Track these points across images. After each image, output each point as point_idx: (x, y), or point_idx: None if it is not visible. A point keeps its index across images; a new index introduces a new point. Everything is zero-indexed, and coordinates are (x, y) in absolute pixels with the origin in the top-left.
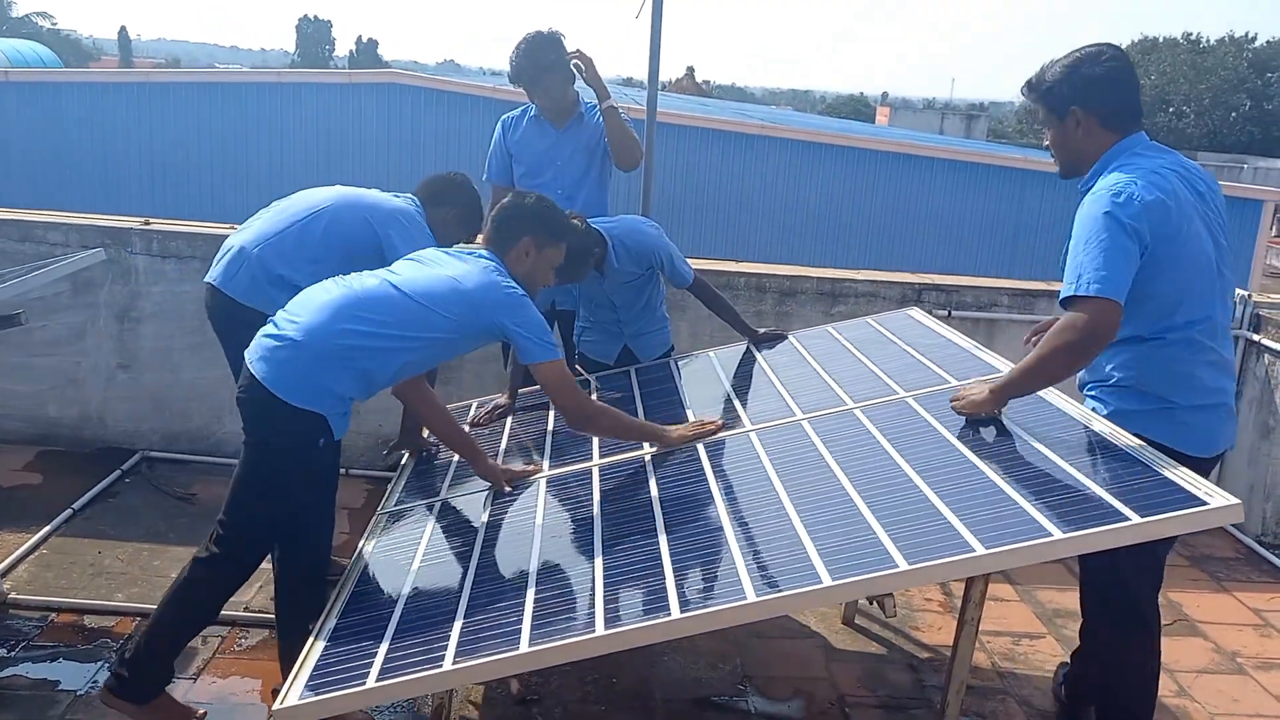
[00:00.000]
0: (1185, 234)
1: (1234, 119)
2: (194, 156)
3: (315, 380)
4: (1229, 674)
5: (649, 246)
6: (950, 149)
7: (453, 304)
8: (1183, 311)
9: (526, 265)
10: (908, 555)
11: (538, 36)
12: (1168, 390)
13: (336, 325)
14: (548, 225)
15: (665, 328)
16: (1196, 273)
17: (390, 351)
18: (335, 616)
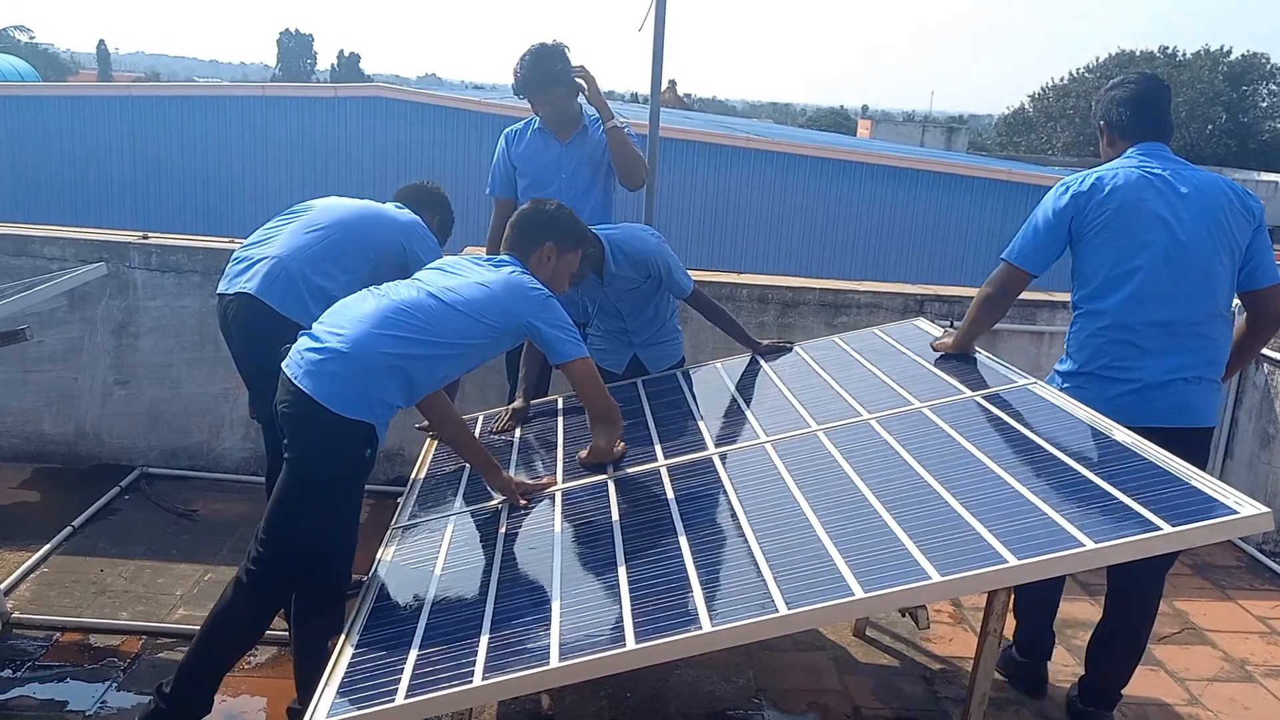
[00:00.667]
0: (1120, 223)
1: (1210, 132)
2: (176, 170)
3: (365, 390)
4: (1239, 682)
5: (647, 253)
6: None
7: (486, 308)
8: (1110, 285)
9: (548, 270)
10: (940, 567)
11: (542, 48)
12: (1078, 355)
13: (382, 334)
14: (569, 232)
15: (676, 340)
16: (1128, 256)
17: (433, 359)
18: (356, 633)
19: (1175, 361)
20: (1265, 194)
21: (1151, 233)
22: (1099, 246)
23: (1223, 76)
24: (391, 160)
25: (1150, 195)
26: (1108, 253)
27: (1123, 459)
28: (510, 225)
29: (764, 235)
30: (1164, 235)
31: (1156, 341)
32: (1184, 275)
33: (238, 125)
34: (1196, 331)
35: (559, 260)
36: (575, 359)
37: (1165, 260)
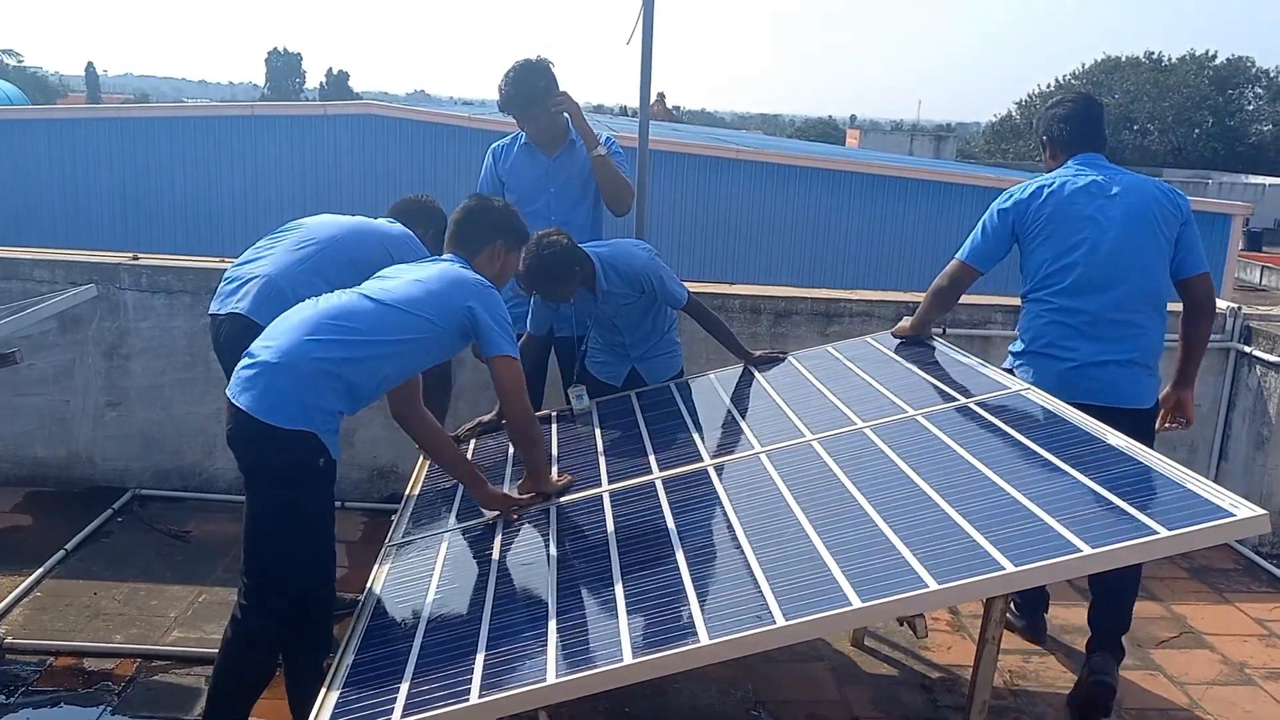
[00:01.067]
0: (1055, 226)
1: (1197, 135)
2: (167, 191)
3: (300, 399)
4: (1238, 685)
5: (637, 269)
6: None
7: (423, 303)
8: (1049, 279)
9: (495, 268)
10: (936, 575)
11: (527, 65)
12: (1025, 337)
13: (311, 340)
14: (518, 231)
15: (675, 352)
16: (1064, 254)
17: (367, 360)
18: (351, 653)
19: (1107, 346)
20: (1253, 197)
21: (1083, 233)
22: (1039, 246)
23: (1208, 80)
24: (381, 177)
25: (1082, 200)
26: (1046, 251)
27: (1117, 463)
28: (454, 222)
29: (756, 246)
30: (1094, 233)
31: (1091, 328)
32: (1113, 269)
33: (227, 145)
34: (1127, 320)
35: (506, 258)
36: (504, 355)
37: (1095, 255)
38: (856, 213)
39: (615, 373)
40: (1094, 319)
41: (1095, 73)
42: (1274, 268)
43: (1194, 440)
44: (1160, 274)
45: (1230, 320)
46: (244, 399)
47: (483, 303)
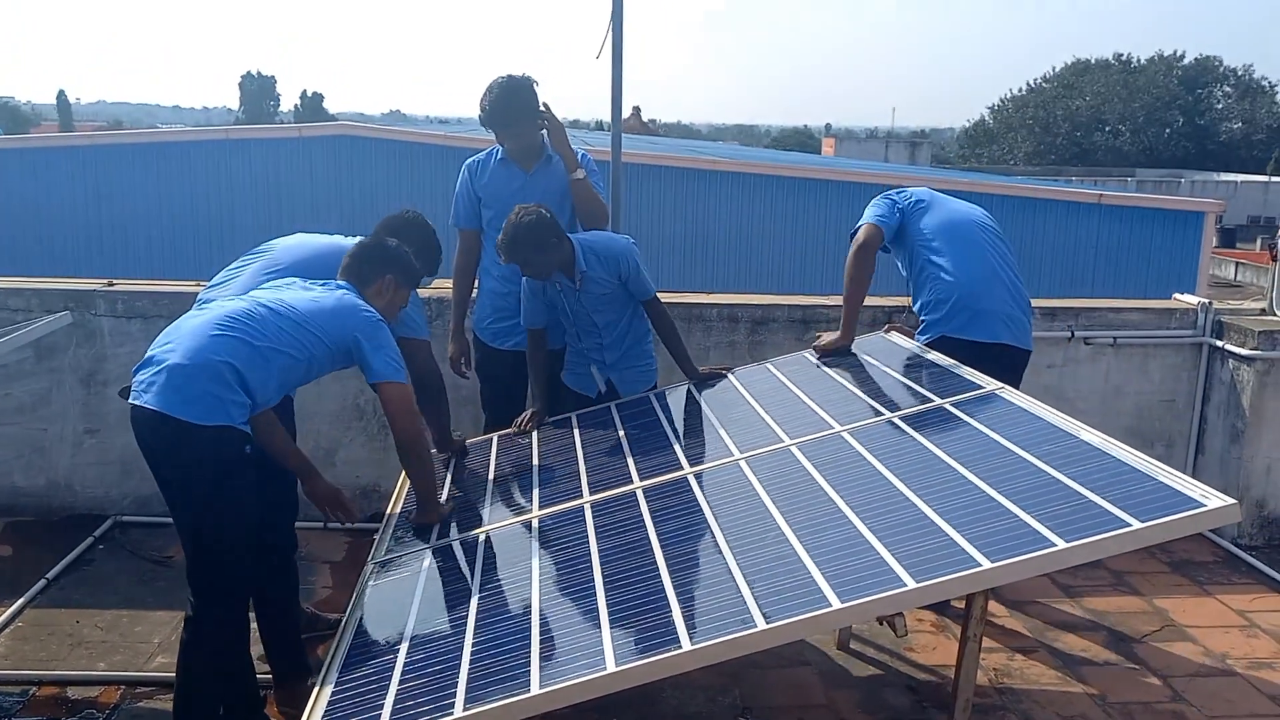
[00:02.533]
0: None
1: (1169, 135)
2: (143, 217)
3: (213, 394)
4: (1221, 676)
5: (617, 251)
6: (899, 175)
7: (316, 318)
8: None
9: (383, 300)
10: (915, 574)
11: (511, 81)
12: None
13: (213, 339)
14: (408, 270)
15: (651, 366)
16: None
17: (266, 361)
18: (336, 670)
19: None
20: (1225, 194)
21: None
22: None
23: (1178, 80)
24: (358, 198)
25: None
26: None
27: (1090, 458)
28: (350, 255)
29: (734, 256)
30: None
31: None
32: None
33: (202, 170)
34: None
35: (395, 294)
36: (393, 381)
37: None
38: (833, 220)
39: (591, 385)
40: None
41: (1066, 75)
42: (1247, 263)
43: (1171, 435)
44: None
45: (1202, 315)
46: (157, 400)
47: (368, 335)
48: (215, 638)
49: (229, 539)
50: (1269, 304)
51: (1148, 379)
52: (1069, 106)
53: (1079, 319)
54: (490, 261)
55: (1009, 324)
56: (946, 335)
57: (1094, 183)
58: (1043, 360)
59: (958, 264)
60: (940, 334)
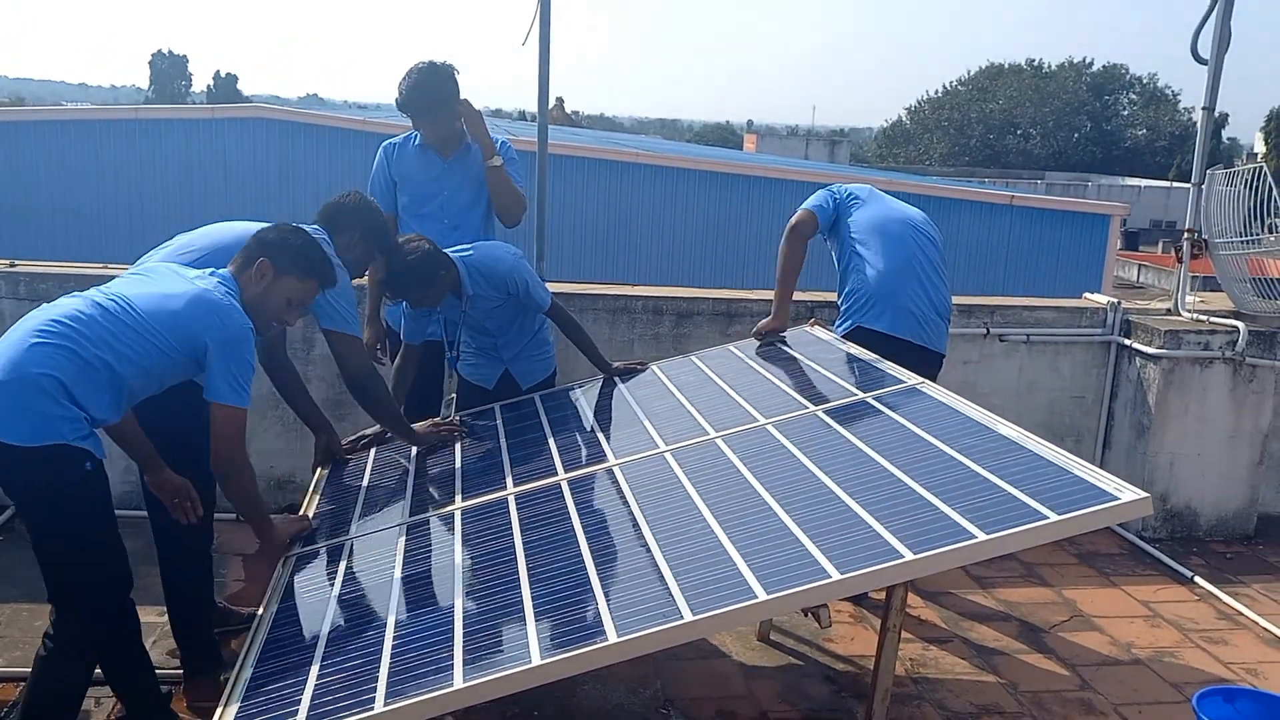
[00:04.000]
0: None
1: (1077, 139)
2: (46, 198)
3: (37, 411)
4: (1127, 664)
5: (504, 273)
6: (820, 173)
7: (153, 320)
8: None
9: (259, 288)
10: (839, 565)
11: (431, 68)
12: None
13: (32, 349)
14: (298, 258)
15: (548, 354)
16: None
17: (91, 371)
18: (250, 666)
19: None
20: (1130, 198)
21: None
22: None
23: (1086, 87)
24: (274, 181)
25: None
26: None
27: (1008, 452)
28: (251, 238)
29: (656, 249)
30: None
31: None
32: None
33: (110, 150)
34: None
35: (274, 281)
36: (224, 403)
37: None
38: (755, 215)
39: (487, 375)
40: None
41: (980, 79)
42: (1150, 265)
43: (1080, 430)
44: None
45: (1111, 315)
46: None
47: (216, 339)
48: (76, 658)
49: (82, 565)
50: (1174, 305)
51: (1059, 375)
52: (983, 109)
53: (994, 316)
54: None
55: (922, 324)
56: (860, 325)
57: (1006, 184)
58: (958, 356)
59: (879, 259)
60: (855, 324)
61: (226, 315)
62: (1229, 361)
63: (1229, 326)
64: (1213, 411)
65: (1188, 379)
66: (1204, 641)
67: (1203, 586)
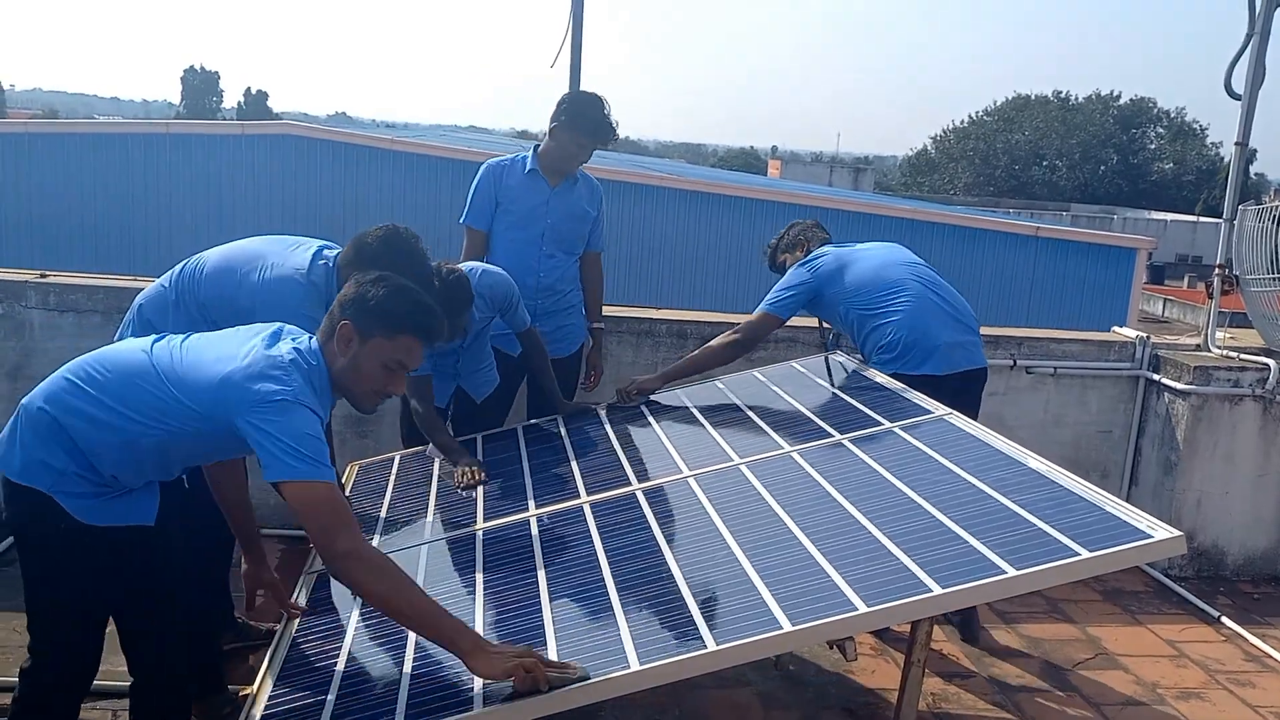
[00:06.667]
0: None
1: (1103, 172)
2: (77, 210)
3: (27, 449)
4: (1152, 704)
5: (503, 290)
6: (843, 200)
7: (197, 389)
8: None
9: (346, 358)
10: (866, 597)
11: (608, 107)
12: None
13: (56, 382)
14: (378, 314)
15: (492, 363)
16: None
17: (103, 425)
18: (270, 685)
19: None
20: (1156, 232)
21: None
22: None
23: (1113, 119)
24: (301, 198)
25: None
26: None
27: (1039, 486)
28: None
29: (679, 272)
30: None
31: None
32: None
33: (141, 163)
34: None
35: (361, 349)
36: (293, 480)
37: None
38: None
39: (443, 392)
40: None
41: (1006, 110)
42: (1175, 300)
43: (1106, 465)
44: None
45: (1140, 349)
46: None
47: (247, 414)
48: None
49: (51, 620)
50: (1204, 340)
51: (1086, 409)
52: (1008, 140)
53: (1021, 348)
54: (497, 264)
55: (962, 349)
56: (901, 373)
57: (1030, 215)
58: (986, 387)
59: (894, 310)
60: (895, 372)
61: (258, 386)
62: (1259, 399)
63: (1259, 364)
64: (1242, 449)
65: (1217, 416)
66: (1230, 683)
67: (1229, 627)
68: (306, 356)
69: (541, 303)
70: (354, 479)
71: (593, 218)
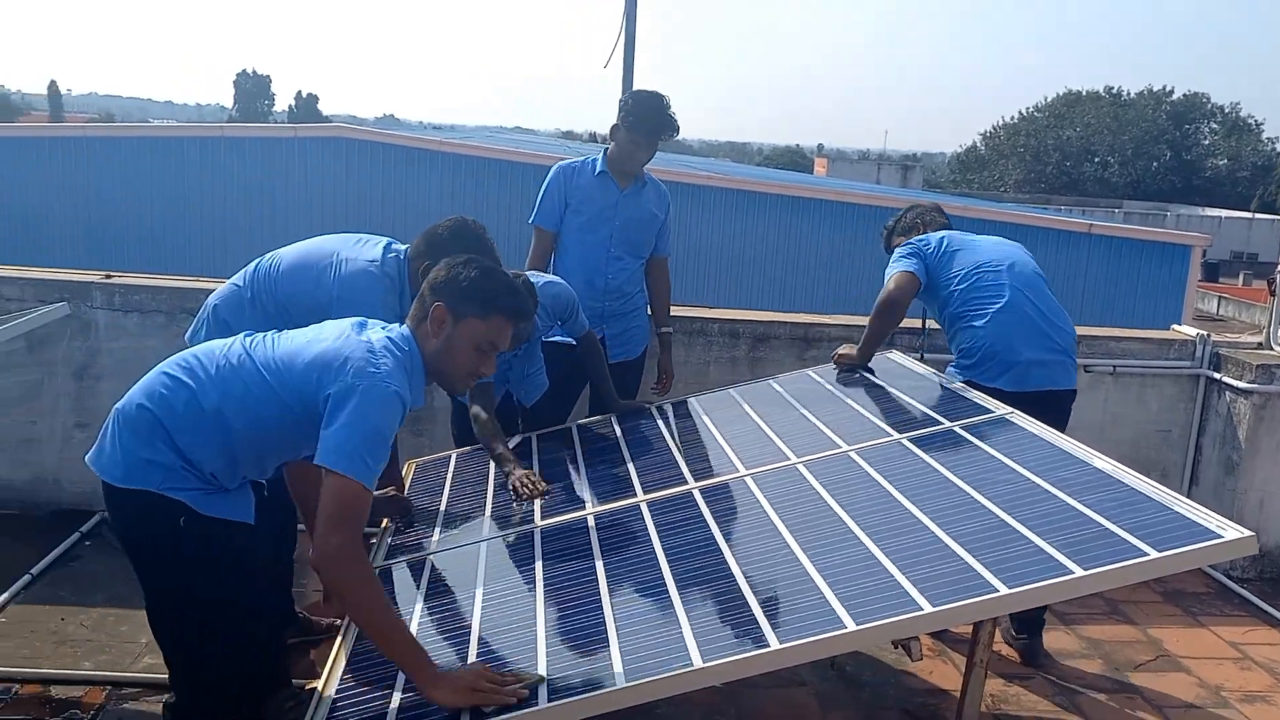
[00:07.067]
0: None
1: (1155, 168)
2: (133, 212)
3: (129, 451)
4: (1215, 708)
5: (565, 298)
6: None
7: (289, 374)
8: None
9: (439, 341)
10: (930, 597)
11: (669, 105)
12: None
13: (151, 385)
14: (471, 294)
15: (543, 369)
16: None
17: (204, 419)
18: (337, 675)
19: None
20: (1210, 229)
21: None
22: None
23: (1166, 115)
24: (353, 199)
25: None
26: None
27: (1104, 486)
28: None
29: (725, 271)
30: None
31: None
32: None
33: (195, 166)
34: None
35: (455, 330)
36: (340, 473)
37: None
38: (826, 239)
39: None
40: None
41: (1057, 105)
42: (1230, 298)
43: (1166, 465)
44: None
45: (1200, 348)
46: (92, 454)
47: (343, 395)
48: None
49: (185, 626)
50: (1266, 338)
51: (1145, 409)
52: (1059, 136)
53: (1080, 346)
54: (565, 265)
55: (1042, 367)
56: (975, 381)
57: (1083, 212)
58: None
59: (982, 315)
60: (969, 379)
61: (362, 372)
62: None
63: None
64: None
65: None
66: None
67: None
68: (399, 342)
69: (609, 305)
70: (412, 476)
71: (661, 221)
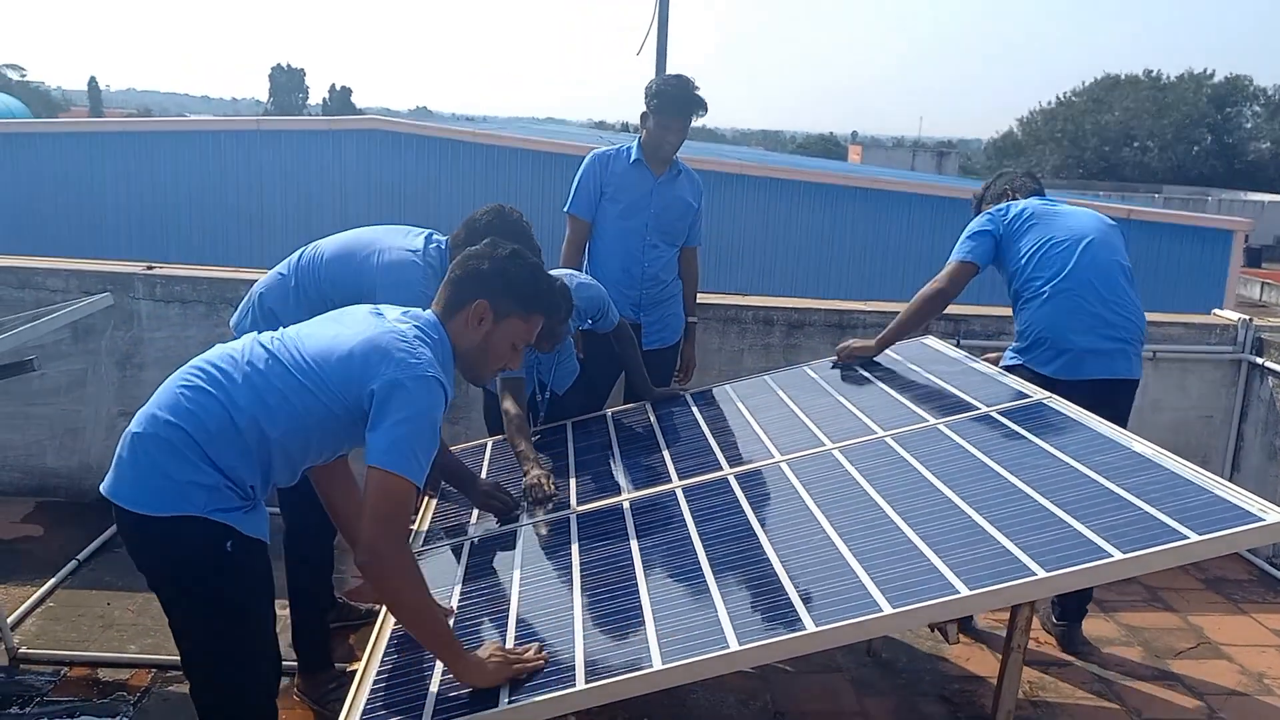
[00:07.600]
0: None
1: (1196, 153)
2: (172, 206)
3: (164, 472)
4: (1258, 695)
5: (598, 304)
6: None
7: (324, 370)
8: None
9: (478, 336)
10: (968, 581)
11: (690, 80)
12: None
13: (171, 401)
14: (521, 293)
15: (575, 358)
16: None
17: (238, 423)
18: (378, 658)
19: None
20: (1253, 213)
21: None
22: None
23: (1207, 98)
24: (388, 192)
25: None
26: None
27: (1144, 469)
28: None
29: (759, 259)
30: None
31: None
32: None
33: (232, 159)
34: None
35: (495, 327)
36: (389, 471)
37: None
38: (861, 227)
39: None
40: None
41: (1095, 90)
42: (1273, 284)
43: (1207, 451)
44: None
45: (1242, 332)
46: (109, 485)
47: (390, 391)
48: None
49: (222, 655)
50: None
51: (1186, 394)
52: (1098, 121)
53: None
54: (601, 253)
55: (1098, 356)
56: (1025, 366)
57: (1122, 198)
58: None
59: (1041, 295)
60: (1020, 363)
61: (404, 364)
62: None
63: None
64: None
65: None
66: None
67: None
68: (427, 329)
69: (646, 292)
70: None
71: (695, 210)
